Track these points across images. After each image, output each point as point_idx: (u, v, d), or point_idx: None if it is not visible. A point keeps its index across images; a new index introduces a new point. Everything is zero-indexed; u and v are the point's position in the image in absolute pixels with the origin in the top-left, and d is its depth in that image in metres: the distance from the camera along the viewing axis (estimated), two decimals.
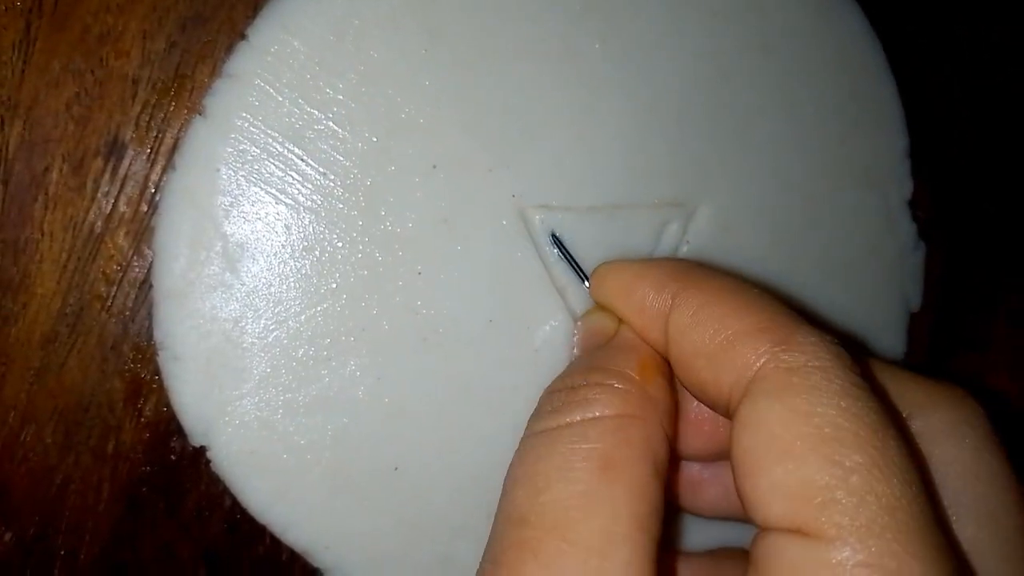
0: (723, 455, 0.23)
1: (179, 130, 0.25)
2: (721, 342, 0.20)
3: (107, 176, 0.25)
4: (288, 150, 0.25)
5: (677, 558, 0.25)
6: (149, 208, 0.25)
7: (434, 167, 0.26)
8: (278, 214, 0.25)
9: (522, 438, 0.21)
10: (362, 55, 0.25)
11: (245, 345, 0.25)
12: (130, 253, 0.25)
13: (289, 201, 0.25)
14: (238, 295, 0.25)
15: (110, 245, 0.25)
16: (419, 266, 0.26)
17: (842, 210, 0.30)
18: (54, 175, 0.24)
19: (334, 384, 0.25)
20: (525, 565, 0.18)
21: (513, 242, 0.26)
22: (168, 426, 0.25)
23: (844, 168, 0.30)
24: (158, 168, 0.25)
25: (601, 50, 0.27)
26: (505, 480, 0.20)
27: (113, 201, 0.25)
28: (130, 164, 0.25)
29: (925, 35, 0.33)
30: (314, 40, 0.25)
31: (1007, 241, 0.35)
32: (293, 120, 0.25)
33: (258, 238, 0.25)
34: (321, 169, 0.25)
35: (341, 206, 0.25)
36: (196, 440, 0.24)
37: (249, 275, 0.25)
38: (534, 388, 0.26)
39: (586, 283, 0.26)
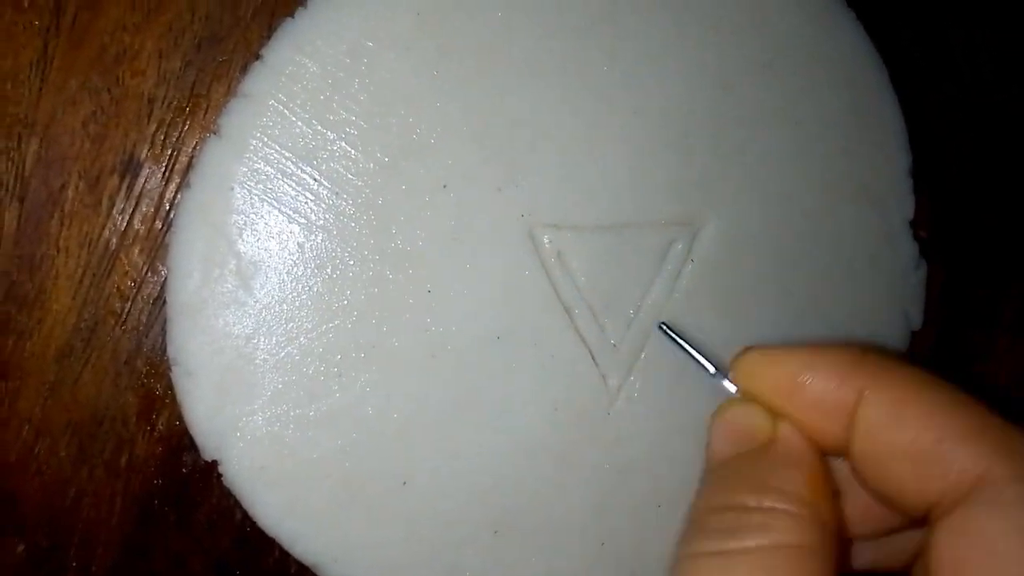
0: (873, 535, 0.23)
1: (194, 149, 0.26)
2: (931, 442, 0.19)
3: (122, 193, 0.25)
4: (301, 170, 0.25)
5: None
6: (164, 225, 0.26)
7: (444, 186, 0.26)
8: (291, 232, 0.25)
9: (685, 555, 0.20)
10: (375, 76, 0.25)
11: (257, 361, 0.25)
12: (144, 269, 0.26)
13: (302, 220, 0.25)
14: (251, 312, 0.25)
15: (125, 261, 0.25)
16: (429, 284, 0.26)
17: (844, 228, 0.30)
18: (70, 192, 0.25)
19: (344, 400, 0.25)
20: None
21: (521, 260, 0.27)
22: (180, 440, 0.26)
23: (846, 185, 0.30)
24: (173, 186, 0.26)
25: (608, 69, 0.27)
26: None
27: (128, 218, 0.25)
28: (145, 182, 0.25)
29: (926, 54, 0.33)
30: (328, 61, 0.25)
31: (1008, 255, 0.35)
32: (306, 140, 0.25)
33: (271, 256, 0.25)
34: (333, 188, 0.25)
35: (353, 225, 0.25)
36: (208, 455, 0.25)
37: (262, 292, 0.25)
38: (540, 403, 0.27)
39: (717, 374, 0.24)
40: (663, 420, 0.28)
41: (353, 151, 0.25)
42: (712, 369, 0.25)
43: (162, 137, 0.25)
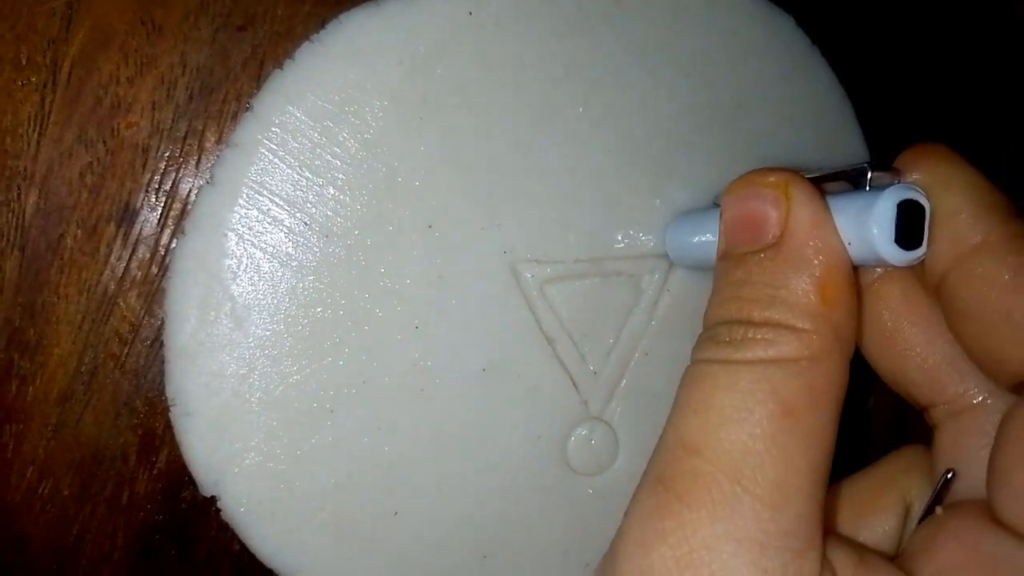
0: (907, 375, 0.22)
1: (188, 196, 0.27)
2: None
3: (119, 241, 0.26)
4: (291, 215, 0.26)
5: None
6: (160, 271, 0.26)
7: (430, 227, 0.27)
8: (283, 275, 0.26)
9: (695, 361, 0.20)
10: (362, 124, 0.26)
11: (252, 400, 0.26)
12: (142, 314, 0.26)
13: (293, 263, 0.26)
14: (245, 353, 0.26)
15: (123, 306, 0.26)
16: (416, 320, 0.27)
17: None
18: (69, 241, 0.26)
19: (337, 435, 0.27)
20: (698, 498, 0.18)
21: (505, 295, 0.28)
22: (180, 477, 0.27)
23: None
24: (168, 232, 0.27)
25: (584, 112, 0.29)
26: (676, 403, 0.20)
27: (125, 264, 0.26)
28: (141, 229, 0.26)
29: (893, 89, 0.35)
30: (316, 111, 0.26)
31: None
32: (296, 186, 0.26)
33: (264, 299, 0.26)
34: (323, 232, 0.26)
35: (342, 266, 0.27)
36: (206, 491, 0.26)
37: (256, 334, 0.26)
38: (526, 431, 0.28)
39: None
40: (644, 444, 0.29)
41: (342, 195, 0.26)
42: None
43: (156, 186, 0.26)
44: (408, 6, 0.27)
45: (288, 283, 0.26)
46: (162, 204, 0.26)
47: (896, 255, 0.19)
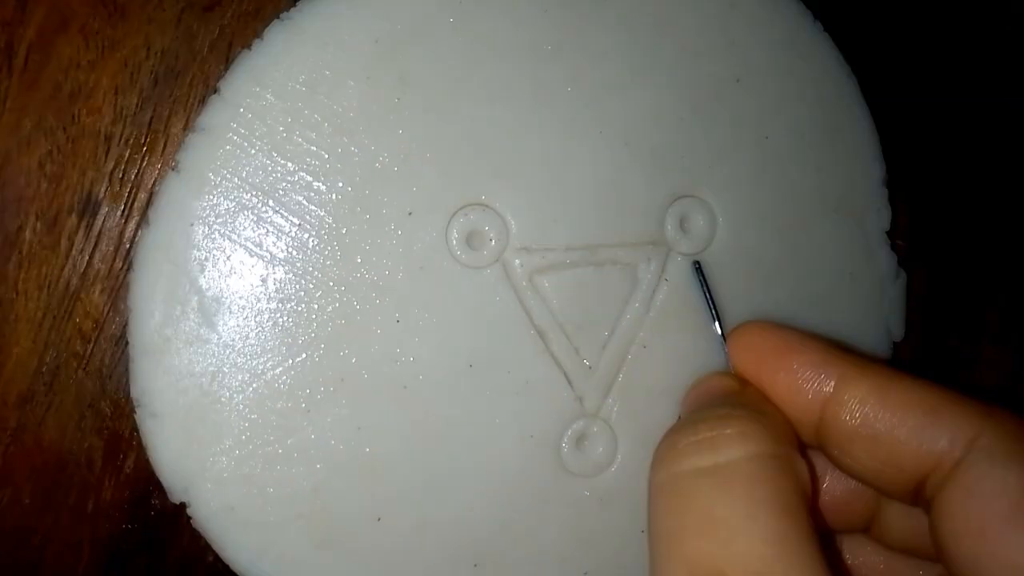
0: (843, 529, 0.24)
1: (153, 185, 0.25)
2: (921, 414, 0.19)
3: (81, 233, 0.25)
4: (262, 203, 0.25)
5: None
6: (124, 264, 0.25)
7: (410, 214, 0.26)
8: (253, 267, 0.25)
9: (667, 477, 0.20)
10: (335, 106, 0.25)
11: (223, 400, 0.24)
12: (106, 310, 0.25)
13: (264, 254, 0.25)
14: (215, 349, 0.24)
15: (86, 302, 0.25)
16: (397, 313, 0.26)
17: (820, 241, 0.30)
18: (27, 234, 0.24)
19: (314, 436, 0.25)
20: None
21: (492, 286, 0.26)
22: (148, 483, 0.25)
23: (821, 199, 0.30)
24: (132, 224, 0.25)
25: (572, 91, 0.27)
26: (666, 522, 0.20)
27: (88, 258, 0.25)
28: (104, 221, 0.25)
29: (896, 62, 0.33)
30: (287, 93, 0.25)
31: (994, 263, 0.35)
32: (267, 173, 0.25)
33: (234, 291, 0.25)
34: (295, 220, 0.25)
35: (317, 256, 0.25)
36: (176, 497, 0.24)
37: (225, 329, 0.24)
38: (516, 431, 0.27)
39: (716, 325, 0.26)
40: (643, 443, 0.27)
41: (315, 182, 0.25)
42: (718, 331, 0.26)
43: (120, 175, 0.25)
44: None
45: (259, 275, 0.25)
46: (126, 194, 0.25)
47: None
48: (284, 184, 0.25)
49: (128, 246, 0.25)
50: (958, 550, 0.19)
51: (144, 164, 0.25)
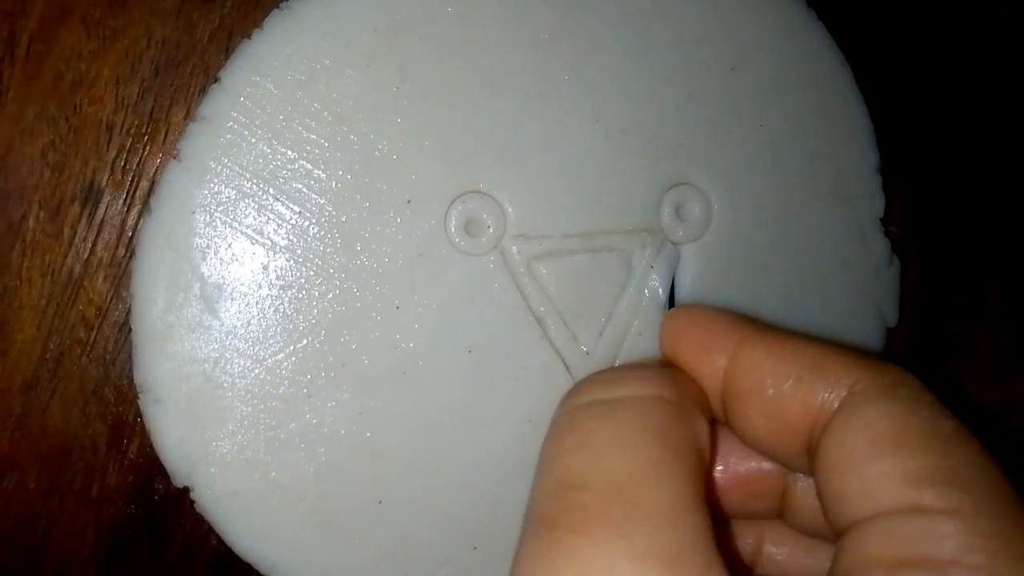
0: (757, 514, 0.24)
1: (155, 174, 0.25)
2: (811, 364, 0.20)
3: (84, 221, 0.25)
4: (263, 191, 0.25)
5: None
6: (127, 252, 0.25)
7: (409, 201, 0.26)
8: (254, 254, 0.25)
9: (566, 410, 0.21)
10: (334, 95, 0.25)
11: (225, 385, 0.25)
12: (109, 297, 0.25)
13: (265, 241, 0.25)
14: (217, 336, 0.25)
15: (89, 290, 0.25)
16: (397, 300, 0.26)
17: (814, 228, 0.30)
18: (31, 222, 0.25)
19: (315, 421, 0.25)
20: (589, 527, 0.17)
21: (490, 272, 0.27)
22: (152, 468, 0.26)
23: (815, 185, 0.30)
24: (134, 212, 0.25)
25: (570, 80, 0.27)
26: (549, 447, 0.20)
27: (91, 246, 0.25)
28: (106, 209, 0.25)
29: (891, 49, 0.33)
30: (286, 82, 0.25)
31: (989, 248, 0.35)
32: (267, 161, 0.25)
33: (235, 278, 0.25)
34: (296, 208, 0.25)
35: (317, 244, 0.25)
36: (179, 481, 0.24)
37: (227, 315, 0.25)
38: (515, 416, 0.27)
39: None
40: None
41: (315, 170, 0.25)
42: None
43: (122, 163, 0.25)
44: None
45: (260, 262, 0.25)
46: (128, 182, 0.25)
47: None
48: (284, 172, 0.25)
49: (130, 234, 0.25)
50: (828, 493, 0.19)
51: (146, 153, 0.25)
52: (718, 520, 0.22)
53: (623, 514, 0.17)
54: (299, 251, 0.25)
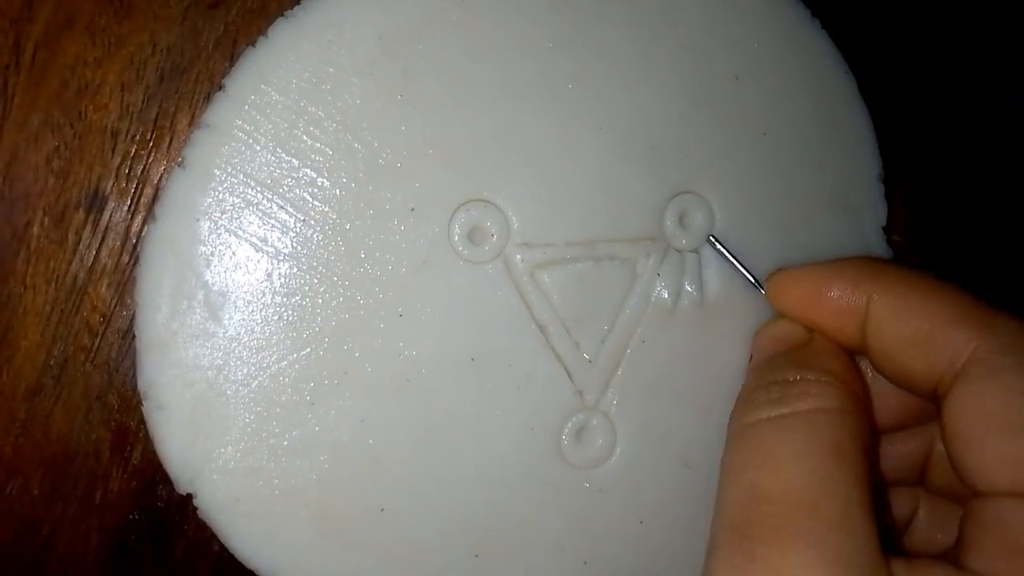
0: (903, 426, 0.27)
1: (159, 181, 0.25)
2: (929, 330, 0.22)
3: (88, 228, 0.25)
4: (267, 198, 0.25)
5: None
6: (131, 259, 0.25)
7: (412, 210, 0.26)
8: (258, 261, 0.25)
9: (740, 426, 0.23)
10: (339, 103, 0.25)
11: (229, 393, 0.25)
12: (113, 304, 0.25)
13: (269, 248, 0.25)
14: (221, 343, 0.25)
15: (93, 296, 0.25)
16: (400, 308, 0.26)
17: (818, 237, 0.30)
18: (35, 229, 0.25)
19: (318, 428, 0.25)
20: (778, 538, 0.20)
21: (493, 280, 0.27)
22: (155, 474, 0.26)
23: (818, 195, 0.30)
24: (139, 219, 0.25)
25: (574, 88, 0.27)
26: (731, 461, 0.23)
27: (95, 253, 0.25)
28: (111, 216, 0.25)
29: (894, 59, 0.33)
30: (291, 89, 0.25)
31: (994, 254, 0.35)
32: (272, 169, 0.25)
33: (239, 286, 0.25)
34: (300, 216, 0.25)
35: (321, 251, 0.25)
36: (182, 488, 0.25)
37: (231, 323, 0.25)
38: (517, 423, 0.27)
39: (758, 287, 0.28)
40: (642, 436, 0.28)
41: (319, 178, 0.25)
42: (752, 281, 0.28)
43: (127, 170, 0.25)
44: None
45: (264, 270, 0.25)
46: (132, 190, 0.25)
47: None
48: (288, 180, 0.25)
49: (135, 241, 0.25)
50: (951, 458, 0.21)
51: (150, 160, 0.25)
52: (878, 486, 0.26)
53: (807, 525, 0.20)
54: (303, 259, 0.25)
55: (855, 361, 0.25)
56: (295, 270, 0.25)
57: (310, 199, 0.25)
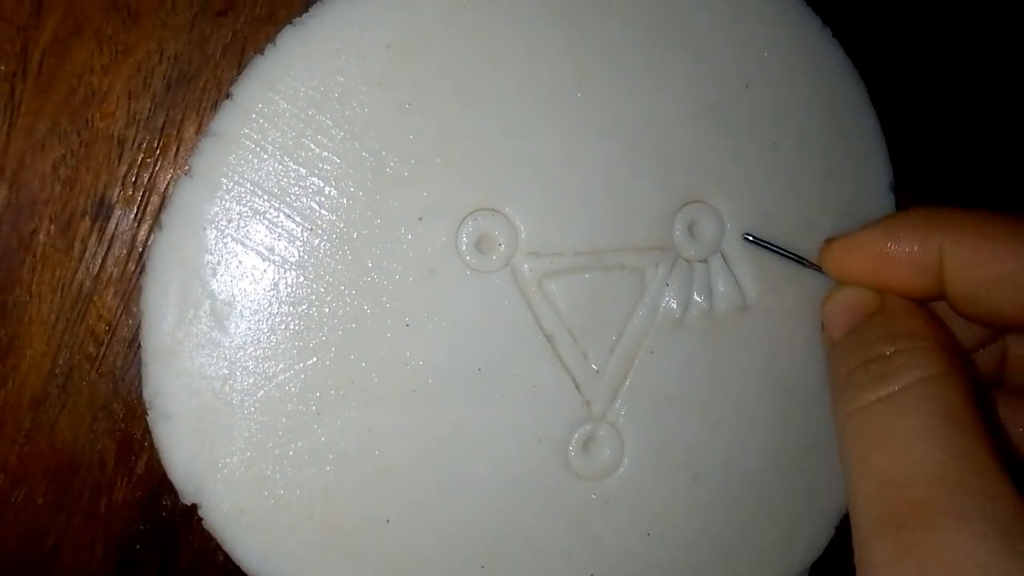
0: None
1: (166, 189, 0.25)
2: (1015, 269, 0.22)
3: (94, 236, 0.25)
4: (274, 207, 0.25)
5: None
6: (137, 267, 0.25)
7: (420, 219, 0.26)
8: (265, 270, 0.25)
9: (849, 412, 0.23)
10: (347, 112, 0.25)
11: (234, 402, 0.25)
12: (119, 313, 0.25)
13: (276, 258, 0.25)
14: (226, 353, 0.25)
15: (99, 305, 0.25)
16: (407, 317, 0.26)
17: None
18: (41, 237, 0.25)
19: (324, 438, 0.25)
20: (934, 521, 0.19)
21: (501, 290, 0.27)
22: (160, 484, 0.26)
23: (828, 203, 0.30)
24: (145, 227, 0.25)
25: (582, 96, 0.27)
26: (852, 451, 0.22)
27: (101, 261, 0.25)
28: (117, 224, 0.25)
29: (905, 67, 0.33)
30: (299, 98, 0.25)
31: None
32: (279, 177, 0.25)
33: (246, 295, 0.25)
34: (307, 225, 0.25)
35: (328, 261, 0.25)
36: (187, 498, 0.24)
37: (237, 332, 0.25)
38: (524, 434, 0.27)
39: (812, 267, 0.27)
40: (651, 447, 0.28)
41: (326, 187, 0.25)
42: (802, 261, 0.27)
43: (133, 179, 0.25)
44: None
45: (270, 279, 0.25)
46: (139, 198, 0.25)
47: None
48: (296, 189, 0.25)
49: (141, 250, 0.25)
50: None
51: (157, 168, 0.25)
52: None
53: (954, 501, 0.20)
54: (309, 268, 0.25)
55: (933, 312, 0.25)
56: (302, 279, 0.25)
57: (317, 208, 0.25)
